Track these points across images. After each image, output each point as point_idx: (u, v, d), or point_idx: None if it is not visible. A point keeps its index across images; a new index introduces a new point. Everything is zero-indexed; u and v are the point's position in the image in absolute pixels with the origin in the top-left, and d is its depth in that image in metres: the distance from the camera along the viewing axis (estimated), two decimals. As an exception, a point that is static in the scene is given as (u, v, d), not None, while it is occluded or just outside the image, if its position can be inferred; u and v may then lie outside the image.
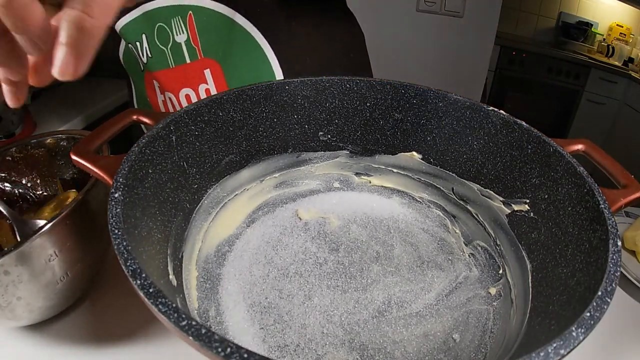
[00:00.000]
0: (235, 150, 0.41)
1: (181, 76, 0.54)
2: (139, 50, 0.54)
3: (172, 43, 0.52)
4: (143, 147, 0.30)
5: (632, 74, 2.03)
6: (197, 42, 0.52)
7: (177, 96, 0.55)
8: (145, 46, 0.53)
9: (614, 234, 0.26)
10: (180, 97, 0.55)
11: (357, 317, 0.34)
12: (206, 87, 0.54)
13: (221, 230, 0.40)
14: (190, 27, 0.51)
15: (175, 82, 0.54)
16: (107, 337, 0.37)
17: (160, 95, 0.56)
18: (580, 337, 0.20)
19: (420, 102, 0.42)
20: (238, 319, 0.34)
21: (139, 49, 0.53)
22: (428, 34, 1.29)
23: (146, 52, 0.53)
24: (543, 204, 0.34)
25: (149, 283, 0.21)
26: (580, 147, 0.36)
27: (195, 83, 0.54)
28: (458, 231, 0.43)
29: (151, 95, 0.58)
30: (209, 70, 0.53)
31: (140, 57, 0.54)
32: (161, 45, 0.52)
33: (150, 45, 0.53)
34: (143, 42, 0.53)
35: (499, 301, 0.36)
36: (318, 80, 0.42)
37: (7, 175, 0.45)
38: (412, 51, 1.32)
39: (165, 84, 0.55)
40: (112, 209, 0.25)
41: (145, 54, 0.53)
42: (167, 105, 0.57)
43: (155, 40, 0.52)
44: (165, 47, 0.52)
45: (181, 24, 0.51)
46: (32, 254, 0.30)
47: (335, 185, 0.48)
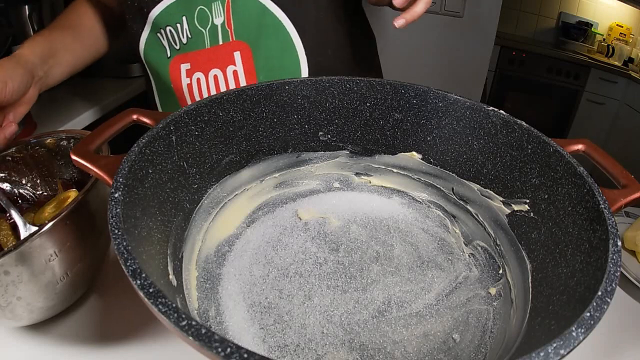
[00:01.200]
0: (235, 150, 0.41)
1: (213, 57, 0.57)
2: (178, 32, 0.57)
3: (210, 25, 0.55)
4: (143, 147, 0.30)
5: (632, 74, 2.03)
6: (230, 24, 0.55)
7: (206, 76, 0.58)
8: (186, 27, 0.56)
9: (614, 234, 0.26)
10: (209, 77, 0.58)
11: (357, 317, 0.34)
12: (234, 69, 0.57)
13: (221, 230, 0.40)
14: (227, 11, 0.55)
15: (207, 62, 0.57)
16: (107, 337, 0.37)
17: (187, 78, 0.58)
18: (580, 337, 0.20)
19: (420, 102, 0.42)
20: (238, 319, 0.34)
21: (178, 31, 0.57)
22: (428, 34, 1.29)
23: (186, 33, 0.56)
24: (543, 204, 0.34)
25: (149, 283, 0.21)
26: (580, 147, 0.36)
27: (225, 64, 0.57)
28: (458, 231, 0.43)
29: (175, 80, 0.59)
30: (239, 52, 0.56)
31: (174, 41, 0.58)
32: (200, 26, 0.56)
33: (190, 26, 0.56)
34: (183, 24, 0.56)
35: (499, 301, 0.36)
36: (318, 80, 0.42)
37: (7, 175, 0.45)
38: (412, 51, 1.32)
39: (198, 65, 0.58)
40: (112, 209, 0.25)
41: (185, 34, 0.57)
42: (192, 88, 0.59)
43: (195, 22, 0.56)
44: (204, 29, 0.56)
45: (220, 7, 0.54)
46: (32, 254, 0.30)
47: (335, 185, 0.48)
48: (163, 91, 0.64)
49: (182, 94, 0.60)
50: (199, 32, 0.56)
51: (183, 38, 0.57)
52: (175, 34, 0.57)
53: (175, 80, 0.59)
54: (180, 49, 0.58)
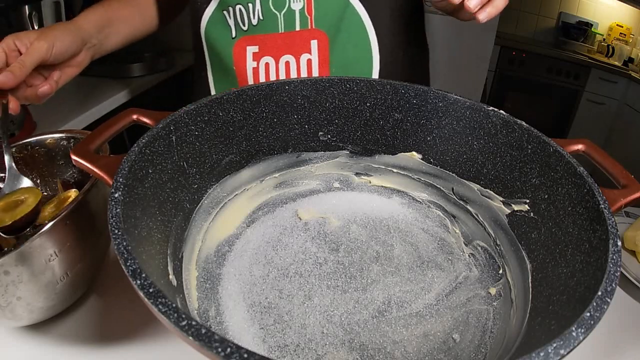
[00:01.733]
0: (235, 150, 0.41)
1: (287, 42, 0.56)
2: (249, 11, 0.56)
3: (286, 9, 0.55)
4: (143, 147, 0.30)
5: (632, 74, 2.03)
6: (311, 11, 0.55)
7: (276, 62, 0.57)
8: (258, 8, 0.55)
9: (614, 234, 0.26)
10: (280, 62, 0.57)
11: (357, 317, 0.34)
12: (309, 57, 0.57)
13: (221, 230, 0.40)
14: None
15: (280, 47, 0.56)
16: (107, 337, 0.37)
17: (253, 62, 0.58)
18: (580, 337, 0.20)
19: (420, 102, 0.42)
20: (238, 319, 0.34)
21: (249, 11, 0.56)
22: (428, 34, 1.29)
23: (258, 14, 0.56)
24: (543, 204, 0.34)
25: (149, 283, 0.21)
26: (580, 147, 0.36)
27: (299, 51, 0.56)
28: (458, 231, 0.43)
29: (239, 62, 0.59)
30: (316, 41, 0.56)
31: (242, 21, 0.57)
32: (275, 9, 0.55)
33: (264, 8, 0.55)
34: (256, 4, 0.55)
35: (499, 301, 0.36)
36: (318, 80, 0.42)
37: (7, 175, 0.45)
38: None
39: (267, 48, 0.57)
40: (112, 209, 0.25)
41: (257, 15, 0.56)
42: (258, 72, 0.58)
43: (270, 4, 0.55)
44: (279, 12, 0.55)
45: None
46: (32, 254, 0.30)
47: (335, 185, 0.48)
48: (220, 71, 0.63)
49: (245, 77, 0.59)
50: (272, 15, 0.55)
51: (253, 19, 0.56)
52: (245, 13, 0.56)
53: (238, 62, 0.58)
54: (248, 30, 0.57)
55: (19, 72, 0.43)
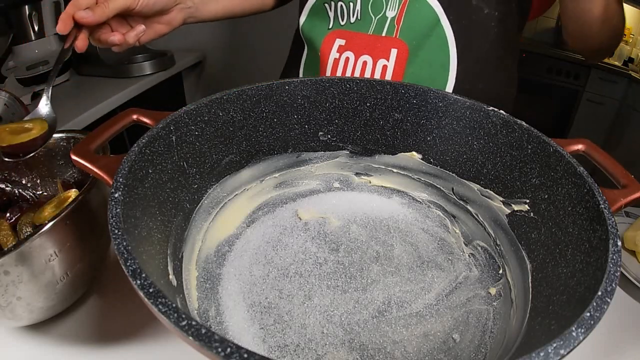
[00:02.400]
0: (235, 150, 0.41)
1: (370, 44, 0.58)
2: (350, 9, 0.59)
3: (382, 15, 0.57)
4: (143, 147, 0.30)
5: (632, 74, 2.03)
6: (400, 21, 0.56)
7: (356, 58, 0.59)
8: (358, 8, 0.59)
9: (614, 234, 0.26)
10: (358, 60, 0.59)
11: (357, 317, 0.34)
12: (384, 64, 0.58)
13: (221, 230, 0.40)
14: (401, 7, 0.56)
15: (363, 46, 0.58)
16: (107, 337, 0.37)
17: (336, 53, 0.60)
18: (580, 337, 0.20)
19: (420, 102, 0.42)
20: (238, 319, 0.34)
21: (350, 9, 0.59)
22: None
23: (357, 14, 0.59)
24: (543, 204, 0.34)
25: (149, 283, 0.21)
26: (580, 147, 0.36)
27: (378, 55, 0.58)
28: (458, 231, 0.43)
29: (324, 51, 0.61)
30: (396, 50, 0.57)
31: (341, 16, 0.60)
32: (372, 13, 0.58)
33: (363, 9, 0.58)
34: (357, 5, 0.58)
35: (499, 301, 0.36)
36: (318, 80, 0.42)
37: (7, 175, 0.45)
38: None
39: (352, 45, 0.59)
40: (112, 209, 0.25)
41: (355, 15, 0.59)
42: (337, 64, 0.60)
43: (369, 7, 0.58)
44: (375, 16, 0.58)
45: (397, 2, 0.56)
46: (32, 254, 0.30)
47: (335, 185, 0.48)
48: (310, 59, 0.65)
49: (326, 65, 0.61)
50: (368, 17, 0.58)
51: (352, 17, 0.59)
52: (346, 10, 0.59)
53: (324, 51, 0.61)
54: (344, 25, 0.60)
55: (100, 12, 0.43)
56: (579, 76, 2.18)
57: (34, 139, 0.39)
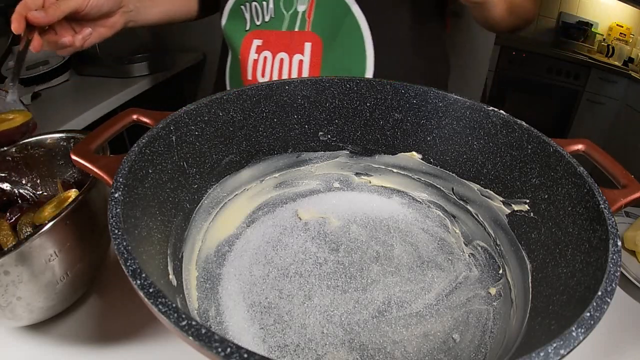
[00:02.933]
0: (235, 150, 0.41)
1: (285, 41, 0.59)
2: (263, 9, 0.60)
3: (293, 10, 0.58)
4: (143, 147, 0.30)
5: (632, 74, 2.03)
6: (310, 15, 0.57)
7: (273, 57, 0.60)
8: (271, 7, 0.59)
9: (614, 234, 0.26)
10: (275, 58, 0.59)
11: (357, 317, 0.34)
12: (300, 58, 0.58)
13: (221, 230, 0.40)
14: (311, 1, 0.57)
15: (278, 44, 0.59)
16: (107, 337, 0.37)
17: (255, 54, 0.61)
18: (580, 337, 0.20)
19: (420, 102, 0.42)
20: (238, 319, 0.34)
21: (263, 8, 0.60)
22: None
23: (270, 12, 0.59)
24: (543, 204, 0.34)
25: (149, 283, 0.21)
26: (580, 147, 0.36)
27: (293, 51, 0.58)
28: (458, 231, 0.43)
29: (244, 53, 0.62)
30: (310, 43, 0.58)
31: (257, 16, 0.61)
32: (284, 9, 0.59)
33: (276, 7, 0.59)
34: (270, 3, 0.59)
35: (499, 301, 0.36)
36: (318, 80, 0.42)
37: (7, 175, 0.45)
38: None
39: (269, 44, 0.60)
40: (112, 209, 0.25)
41: (269, 13, 0.60)
42: (257, 64, 0.61)
43: (281, 4, 0.59)
44: (287, 12, 0.59)
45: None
46: (32, 254, 0.30)
47: (335, 185, 0.48)
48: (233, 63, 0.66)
49: (246, 67, 0.62)
50: (281, 14, 0.59)
51: (266, 16, 0.59)
52: (260, 10, 0.60)
53: (244, 52, 0.61)
54: (260, 25, 0.60)
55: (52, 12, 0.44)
56: (579, 76, 2.18)
57: (17, 126, 0.41)
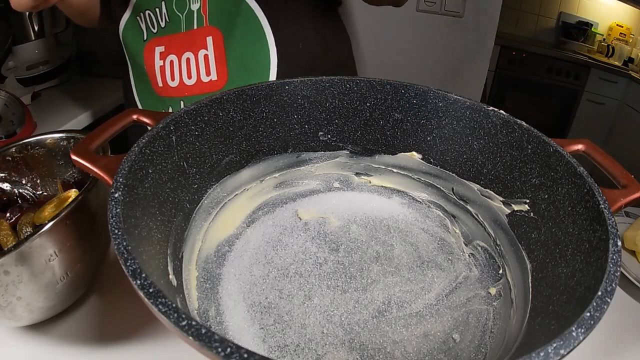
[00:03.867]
0: (235, 150, 0.41)
1: (187, 40, 0.59)
2: (157, 15, 0.60)
3: (187, 10, 0.58)
4: (143, 147, 0.30)
5: (632, 74, 2.03)
6: (205, 10, 0.57)
7: (179, 59, 0.59)
8: (164, 12, 0.59)
9: (614, 234, 0.26)
10: (182, 60, 0.59)
11: (357, 317, 0.34)
12: (205, 53, 0.58)
13: (221, 230, 0.40)
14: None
15: (181, 45, 0.59)
16: (107, 337, 0.37)
17: (160, 60, 0.60)
18: (580, 337, 0.20)
19: (420, 102, 0.42)
20: (238, 319, 0.34)
21: (157, 15, 0.60)
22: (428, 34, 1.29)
23: (165, 17, 0.59)
24: (543, 204, 0.34)
25: (149, 283, 0.21)
26: (580, 147, 0.36)
27: (197, 48, 0.58)
28: (458, 231, 0.43)
29: (148, 62, 0.61)
30: (211, 37, 0.58)
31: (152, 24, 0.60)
32: (178, 11, 0.59)
33: (169, 11, 0.59)
34: (162, 8, 0.59)
35: (499, 301, 0.36)
36: (318, 80, 0.42)
37: (7, 175, 0.45)
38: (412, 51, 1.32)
39: (172, 47, 0.60)
40: (112, 209, 0.25)
41: (164, 19, 0.59)
42: (164, 70, 0.60)
43: (174, 7, 0.59)
44: (181, 14, 0.59)
45: None
46: (32, 254, 0.30)
47: (335, 185, 0.48)
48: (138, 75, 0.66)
49: (154, 75, 0.61)
50: (176, 17, 0.59)
51: (162, 22, 0.60)
52: (154, 17, 0.60)
53: (148, 62, 0.61)
54: (157, 33, 0.60)
55: None
56: (579, 76, 2.18)
57: None
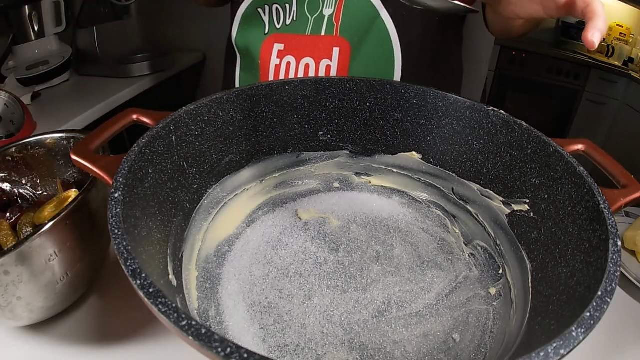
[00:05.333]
0: (235, 150, 0.41)
1: (310, 45, 0.57)
2: (286, 11, 0.58)
3: (318, 14, 0.56)
4: (143, 147, 0.30)
5: (632, 74, 2.03)
6: (338, 19, 0.55)
7: (297, 62, 0.58)
8: (294, 10, 0.57)
9: (614, 234, 0.26)
10: (300, 63, 0.58)
11: (357, 317, 0.34)
12: (328, 64, 0.57)
13: (221, 230, 0.40)
14: (338, 4, 0.55)
15: (303, 49, 0.57)
16: (107, 337, 0.37)
17: (277, 59, 0.59)
18: (580, 337, 0.20)
19: (420, 102, 0.42)
20: (238, 319, 0.34)
21: (286, 11, 0.58)
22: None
23: (293, 15, 0.57)
24: (543, 204, 0.34)
25: (149, 283, 0.21)
26: (580, 147, 0.36)
27: (321, 56, 0.57)
28: (458, 231, 0.43)
29: (264, 58, 0.59)
30: (338, 48, 0.56)
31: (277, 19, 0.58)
32: (308, 12, 0.57)
33: (299, 10, 0.57)
34: (293, 5, 0.57)
35: (499, 301, 0.36)
36: (318, 80, 0.42)
37: (7, 175, 0.45)
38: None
39: (292, 48, 0.58)
40: (112, 209, 0.25)
41: (291, 16, 0.57)
42: (279, 69, 0.59)
43: (305, 7, 0.57)
44: (311, 16, 0.57)
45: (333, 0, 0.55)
46: (32, 254, 0.30)
47: (335, 185, 0.48)
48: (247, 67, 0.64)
49: (268, 72, 0.60)
50: (305, 18, 0.57)
51: (288, 19, 0.58)
52: (282, 13, 0.58)
53: (264, 57, 0.59)
54: (280, 29, 0.58)
55: None
56: (579, 76, 2.18)
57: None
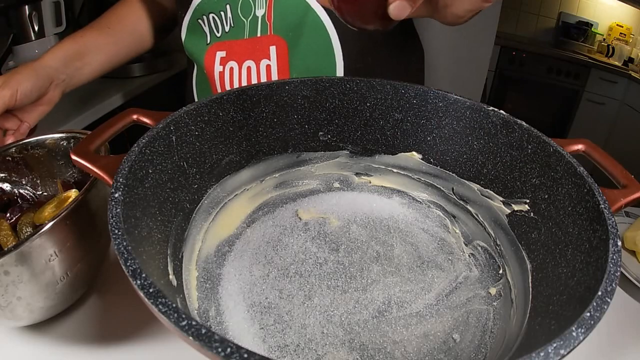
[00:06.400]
0: (235, 150, 0.41)
1: (249, 48, 0.57)
2: (222, 19, 0.58)
3: (252, 16, 0.56)
4: (143, 147, 0.30)
5: (632, 74, 2.03)
6: (270, 18, 0.55)
7: (239, 67, 0.58)
8: (229, 16, 0.57)
9: (614, 234, 0.26)
10: (242, 68, 0.58)
11: (357, 317, 0.34)
12: (267, 63, 0.57)
13: (221, 230, 0.40)
14: (269, 4, 0.55)
15: (243, 53, 0.57)
16: (107, 337, 0.37)
17: (220, 66, 0.59)
18: (580, 337, 0.20)
19: (420, 102, 0.42)
20: (238, 319, 0.34)
21: (222, 18, 0.58)
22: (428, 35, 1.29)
23: (230, 21, 0.57)
24: (543, 204, 0.34)
25: (149, 283, 0.21)
26: (580, 147, 0.36)
27: (259, 57, 0.57)
28: (458, 231, 0.43)
29: (209, 67, 0.60)
30: (274, 47, 0.56)
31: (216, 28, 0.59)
32: (242, 16, 0.56)
33: (234, 15, 0.57)
34: (227, 12, 0.57)
35: (499, 301, 0.36)
36: (318, 80, 0.42)
37: (7, 175, 0.45)
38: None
39: (233, 54, 0.58)
40: (112, 209, 0.25)
41: (228, 23, 0.57)
42: (224, 76, 0.59)
43: (239, 11, 0.56)
44: (246, 19, 0.56)
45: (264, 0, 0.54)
46: (32, 254, 0.30)
47: (335, 185, 0.48)
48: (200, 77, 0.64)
49: (214, 80, 0.60)
50: (240, 22, 0.57)
51: (226, 26, 0.58)
52: (219, 21, 0.58)
53: (209, 66, 0.60)
54: (221, 37, 0.58)
55: None
56: (579, 76, 2.18)
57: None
